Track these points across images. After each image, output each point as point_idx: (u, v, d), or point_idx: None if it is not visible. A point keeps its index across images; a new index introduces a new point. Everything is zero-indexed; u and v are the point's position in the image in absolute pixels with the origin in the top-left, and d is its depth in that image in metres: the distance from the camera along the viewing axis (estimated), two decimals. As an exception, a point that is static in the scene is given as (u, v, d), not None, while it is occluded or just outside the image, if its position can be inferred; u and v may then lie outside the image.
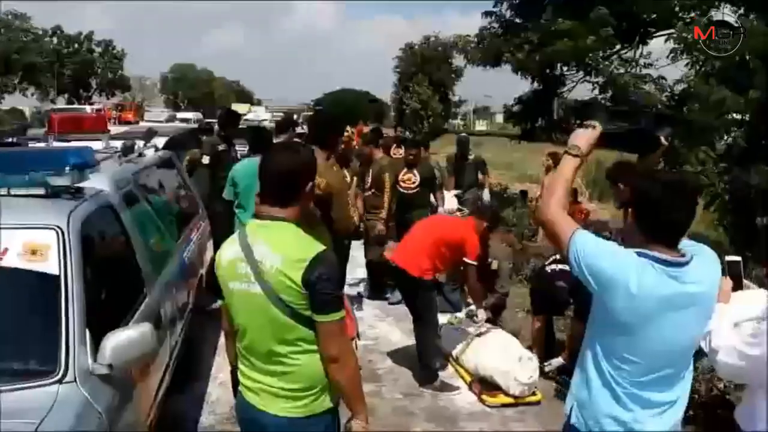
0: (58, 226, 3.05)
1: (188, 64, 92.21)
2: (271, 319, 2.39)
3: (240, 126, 9.35)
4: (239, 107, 49.78)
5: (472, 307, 5.97)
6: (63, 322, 2.77)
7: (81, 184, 3.54)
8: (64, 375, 2.64)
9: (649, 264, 2.26)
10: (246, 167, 5.93)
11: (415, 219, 7.08)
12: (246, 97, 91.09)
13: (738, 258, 2.84)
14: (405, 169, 8.13)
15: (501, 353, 5.36)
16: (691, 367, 2.49)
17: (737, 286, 2.75)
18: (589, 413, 2.44)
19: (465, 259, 5.63)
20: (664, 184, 2.32)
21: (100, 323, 2.93)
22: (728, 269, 2.71)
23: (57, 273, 2.90)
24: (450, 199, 9.72)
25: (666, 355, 2.35)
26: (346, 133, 7.66)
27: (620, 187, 4.52)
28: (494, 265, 6.70)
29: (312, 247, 2.41)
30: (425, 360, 5.59)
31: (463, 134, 13.50)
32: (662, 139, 2.58)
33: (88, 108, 39.22)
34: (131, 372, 3.06)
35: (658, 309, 2.26)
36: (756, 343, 2.35)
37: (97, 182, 3.81)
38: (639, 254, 2.29)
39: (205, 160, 7.46)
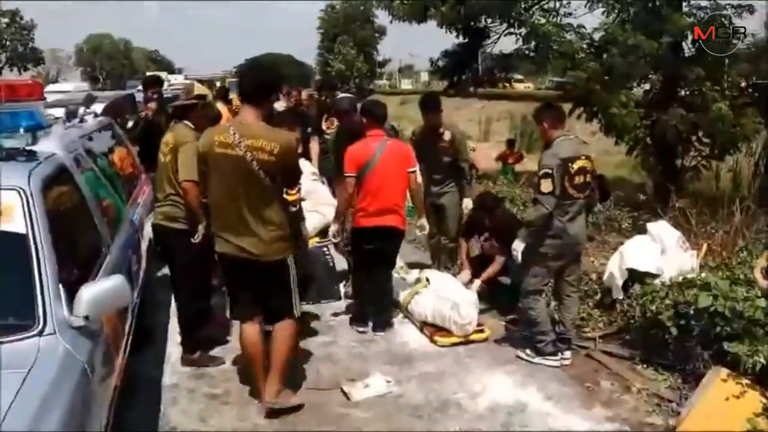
0: (20, 187, 3.10)
1: (104, 34, 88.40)
2: None
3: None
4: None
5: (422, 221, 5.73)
6: (36, 278, 2.83)
7: (33, 147, 3.56)
8: (44, 328, 2.71)
9: None
10: None
11: None
12: (166, 67, 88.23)
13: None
14: None
15: (438, 301, 5.57)
16: None
17: None
18: None
19: (410, 170, 5.46)
20: None
21: (69, 278, 3.01)
22: None
23: (24, 232, 2.95)
24: None
25: None
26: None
27: (544, 126, 4.94)
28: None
29: None
30: (387, 304, 5.72)
31: (346, 94, 10.03)
32: None
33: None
34: (103, 325, 3.15)
35: None
36: None
37: (48, 145, 3.83)
38: None
39: (130, 125, 7.44)
